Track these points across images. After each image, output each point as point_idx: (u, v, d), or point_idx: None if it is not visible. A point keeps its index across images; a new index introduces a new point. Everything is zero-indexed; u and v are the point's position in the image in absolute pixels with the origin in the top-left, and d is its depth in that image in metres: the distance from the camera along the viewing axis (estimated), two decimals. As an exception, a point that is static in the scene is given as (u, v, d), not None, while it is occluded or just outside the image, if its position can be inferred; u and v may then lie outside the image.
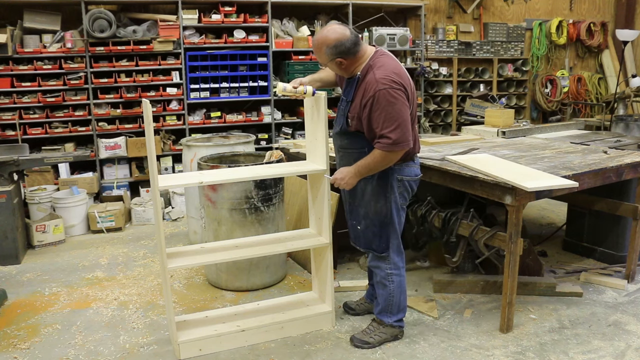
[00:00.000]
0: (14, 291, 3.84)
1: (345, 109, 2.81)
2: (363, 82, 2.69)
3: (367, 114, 2.66)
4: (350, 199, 2.99)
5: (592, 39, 8.28)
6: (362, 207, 2.92)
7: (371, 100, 2.62)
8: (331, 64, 2.73)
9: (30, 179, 5.33)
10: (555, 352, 2.97)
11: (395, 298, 3.01)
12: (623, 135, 5.18)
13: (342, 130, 2.87)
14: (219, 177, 3.03)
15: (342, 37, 2.64)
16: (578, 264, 4.19)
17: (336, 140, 2.99)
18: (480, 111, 6.46)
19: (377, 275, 3.04)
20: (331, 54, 2.66)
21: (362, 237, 2.99)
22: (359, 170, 2.75)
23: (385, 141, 2.62)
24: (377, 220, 2.90)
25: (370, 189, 2.86)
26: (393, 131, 2.60)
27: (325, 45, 2.66)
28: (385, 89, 2.58)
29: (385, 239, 2.93)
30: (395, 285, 2.99)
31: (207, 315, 3.22)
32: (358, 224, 2.98)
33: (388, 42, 6.63)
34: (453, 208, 3.54)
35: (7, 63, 5.33)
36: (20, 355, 3.01)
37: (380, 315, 3.06)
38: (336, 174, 2.84)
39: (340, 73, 2.84)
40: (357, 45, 2.69)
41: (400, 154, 2.69)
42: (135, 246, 4.77)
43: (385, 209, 2.87)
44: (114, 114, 5.70)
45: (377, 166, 2.72)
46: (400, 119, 2.61)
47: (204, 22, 5.82)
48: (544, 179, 2.99)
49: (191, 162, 4.57)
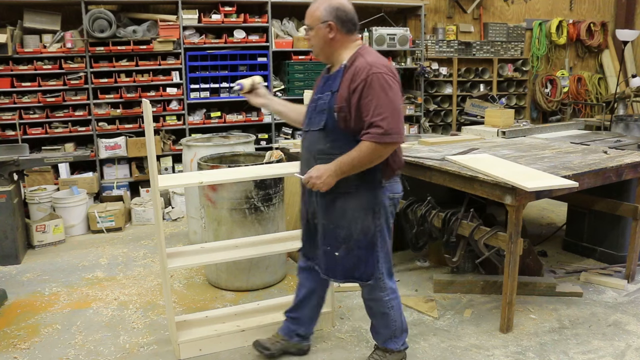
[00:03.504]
0: (14, 291, 3.84)
1: (328, 103, 2.40)
2: (351, 67, 2.35)
3: (356, 100, 2.30)
4: (324, 219, 2.51)
5: (592, 39, 8.28)
6: (343, 229, 2.47)
7: (363, 84, 2.28)
8: (319, 28, 2.39)
9: (30, 179, 5.33)
10: (555, 352, 2.97)
11: (397, 322, 2.72)
12: (623, 135, 5.18)
13: (326, 129, 2.41)
14: (219, 177, 3.03)
15: (347, 6, 2.41)
16: (578, 264, 4.19)
17: (312, 144, 2.48)
18: (480, 111, 6.46)
19: (372, 307, 2.70)
20: (329, 14, 2.37)
21: (341, 266, 2.53)
22: (340, 168, 2.33)
23: (375, 131, 2.25)
24: (363, 242, 2.48)
25: (353, 205, 2.44)
26: (385, 119, 2.24)
27: (328, 2, 2.38)
28: (380, 73, 2.28)
29: (371, 263, 2.52)
30: (395, 309, 2.69)
31: (207, 315, 3.22)
32: (335, 249, 2.50)
33: (388, 42, 6.63)
34: (453, 208, 3.54)
35: (7, 63, 5.33)
36: (20, 355, 3.01)
37: (386, 344, 2.76)
38: (311, 172, 2.40)
39: (319, 49, 2.46)
40: (354, 25, 2.43)
41: (390, 149, 2.32)
42: (135, 246, 4.77)
43: (373, 227, 2.47)
44: (114, 114, 5.70)
45: (363, 162, 2.31)
46: (393, 107, 2.27)
47: (204, 22, 5.82)
48: (544, 179, 2.99)
49: (191, 162, 4.57)
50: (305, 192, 2.63)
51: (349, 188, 2.42)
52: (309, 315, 2.91)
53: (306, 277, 2.85)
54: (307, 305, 2.89)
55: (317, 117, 2.44)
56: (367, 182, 2.43)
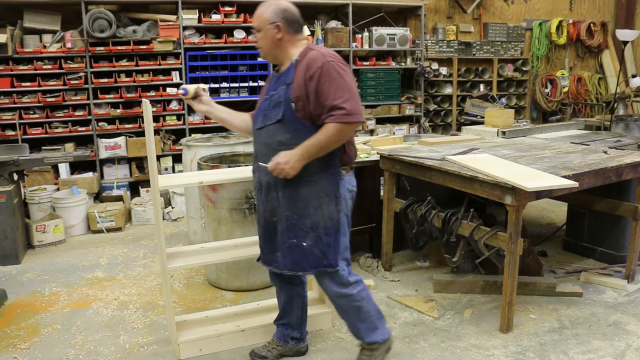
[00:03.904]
0: (14, 291, 3.84)
1: (284, 95, 2.43)
2: (304, 60, 2.42)
3: (314, 87, 2.35)
4: (288, 211, 2.50)
5: (592, 39, 8.28)
6: (308, 217, 2.49)
7: (319, 72, 2.34)
8: (267, 29, 2.47)
9: (30, 179, 5.33)
10: (555, 352, 2.97)
11: (372, 312, 2.68)
12: (623, 135, 5.19)
13: (284, 120, 2.43)
14: (219, 177, 3.04)
15: (293, 8, 2.52)
16: (578, 264, 4.19)
17: (271, 137, 2.49)
18: (480, 111, 6.46)
19: (344, 305, 2.65)
20: (275, 15, 2.45)
21: (310, 256, 2.51)
22: (307, 151, 2.36)
23: (339, 112, 2.31)
24: (331, 228, 2.51)
25: (317, 191, 2.48)
26: (347, 101, 2.31)
27: (275, 4, 2.49)
28: (334, 61, 2.37)
29: (337, 249, 2.55)
30: (366, 300, 2.66)
31: (207, 315, 3.22)
32: (302, 240, 2.50)
33: (388, 42, 6.63)
34: (453, 208, 3.54)
35: (7, 63, 5.33)
36: (20, 355, 3.01)
37: (371, 338, 2.71)
38: (277, 159, 2.40)
39: (268, 50, 2.52)
40: (301, 26, 2.54)
41: (354, 128, 2.39)
42: (135, 246, 4.77)
43: (337, 213, 2.52)
44: (114, 114, 5.70)
45: (330, 143, 2.36)
46: (351, 90, 2.36)
47: (204, 22, 5.82)
48: (544, 179, 2.99)
49: (191, 162, 4.57)
50: (262, 191, 2.62)
51: (311, 176, 2.47)
52: (297, 317, 2.91)
53: (281, 282, 2.84)
54: (293, 308, 2.89)
55: (274, 111, 2.47)
56: (328, 169, 2.49)
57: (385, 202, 3.94)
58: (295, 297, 2.87)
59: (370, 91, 6.74)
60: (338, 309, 2.71)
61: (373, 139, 4.55)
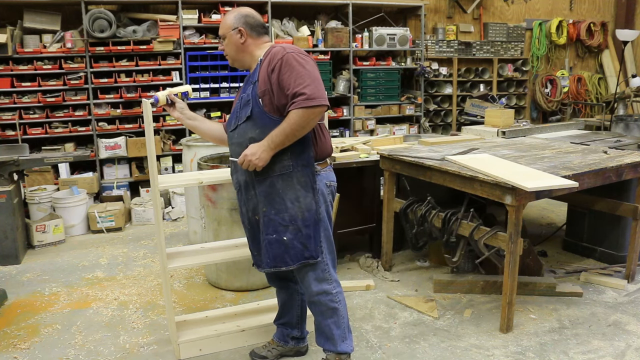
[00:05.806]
0: (14, 291, 3.84)
1: (251, 93, 2.48)
2: (267, 57, 2.46)
3: (276, 79, 2.38)
4: (266, 207, 2.50)
5: (592, 39, 8.28)
6: (286, 211, 2.48)
7: (279, 63, 2.37)
8: (231, 35, 2.53)
9: (30, 179, 5.33)
10: (555, 352, 2.97)
11: (345, 319, 2.65)
12: (623, 135, 5.19)
13: (253, 116, 2.46)
14: (219, 177, 3.04)
15: (254, 13, 2.59)
16: (578, 264, 4.19)
17: (242, 135, 2.52)
18: (480, 111, 6.46)
19: (322, 304, 2.60)
20: (237, 21, 2.52)
21: (291, 250, 2.50)
22: (272, 140, 2.37)
23: (300, 98, 2.30)
24: (310, 220, 2.50)
25: (292, 183, 2.48)
26: (307, 87, 2.31)
27: (237, 11, 2.56)
28: (294, 53, 2.39)
29: (317, 239, 2.53)
30: (342, 304, 2.64)
31: (207, 315, 3.22)
32: (282, 234, 2.49)
33: (388, 42, 6.63)
34: (453, 208, 3.54)
35: (7, 63, 5.33)
36: (20, 355, 3.01)
37: (341, 347, 2.65)
38: (245, 152, 2.42)
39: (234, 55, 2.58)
40: (264, 29, 2.59)
41: (318, 113, 2.34)
42: (135, 246, 4.77)
43: (315, 205, 2.50)
44: (114, 114, 5.70)
45: (295, 131, 2.35)
46: (313, 76, 2.34)
47: (204, 22, 5.82)
48: (544, 179, 2.99)
49: (191, 162, 4.57)
50: (241, 191, 2.63)
51: (284, 169, 2.47)
52: (297, 315, 2.91)
53: (279, 281, 2.85)
54: (292, 307, 2.89)
55: (243, 110, 2.51)
56: (301, 161, 2.48)
57: (385, 202, 3.94)
58: (294, 294, 2.87)
59: (370, 91, 6.74)
60: (314, 307, 2.65)
61: (373, 139, 4.55)
